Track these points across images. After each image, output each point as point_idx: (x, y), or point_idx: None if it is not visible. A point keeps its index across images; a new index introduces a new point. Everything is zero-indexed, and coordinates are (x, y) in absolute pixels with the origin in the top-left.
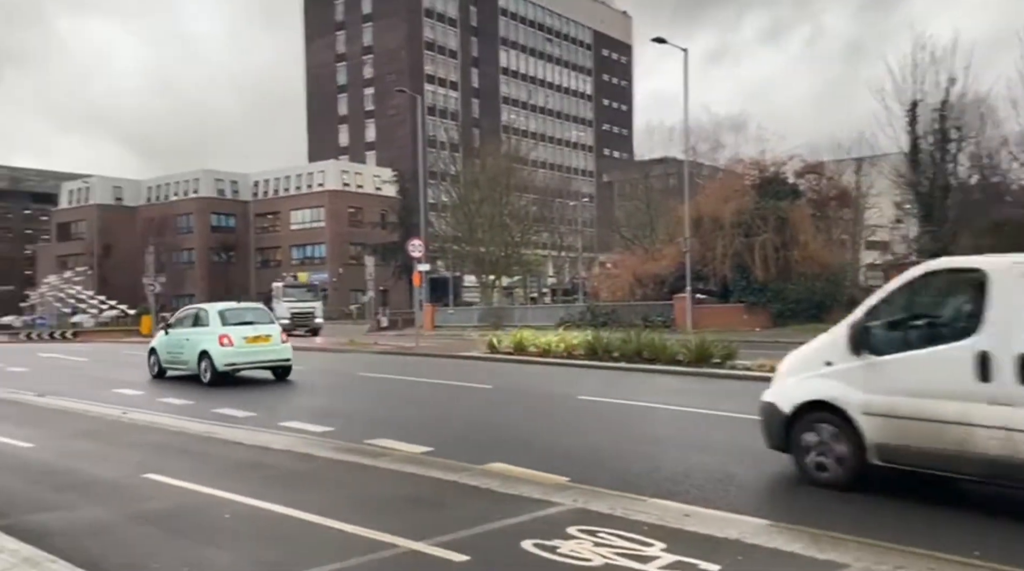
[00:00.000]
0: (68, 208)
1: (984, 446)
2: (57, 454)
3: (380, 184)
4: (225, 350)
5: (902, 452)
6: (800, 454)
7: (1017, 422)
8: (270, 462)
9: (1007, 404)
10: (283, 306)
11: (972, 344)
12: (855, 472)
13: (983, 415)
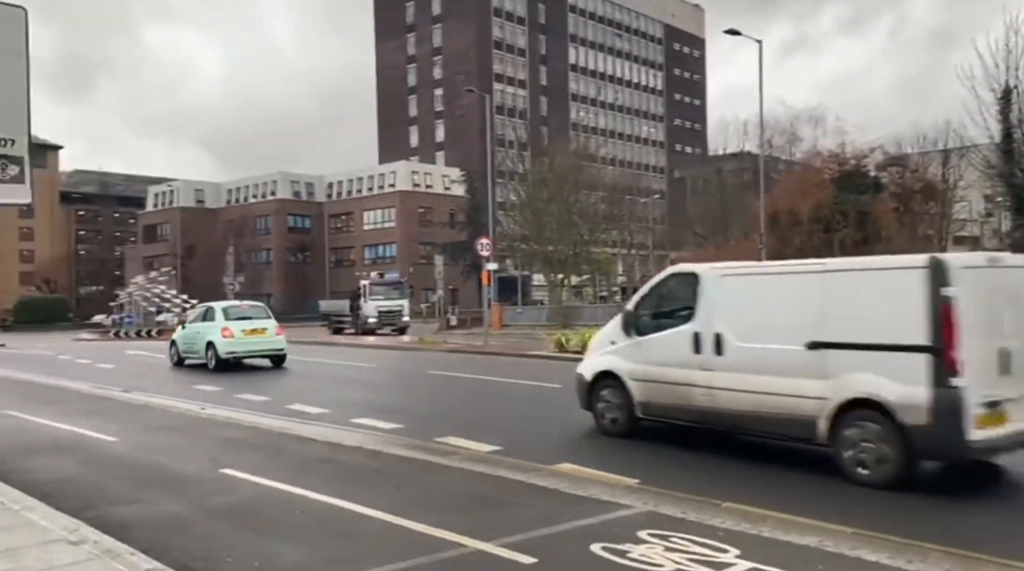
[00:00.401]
0: (153, 211)
1: (697, 400)
2: (139, 448)
3: (449, 184)
4: (227, 341)
5: (653, 407)
6: (597, 412)
7: (715, 381)
8: (340, 458)
9: (709, 369)
10: (370, 305)
11: (690, 327)
12: (630, 424)
13: (696, 377)
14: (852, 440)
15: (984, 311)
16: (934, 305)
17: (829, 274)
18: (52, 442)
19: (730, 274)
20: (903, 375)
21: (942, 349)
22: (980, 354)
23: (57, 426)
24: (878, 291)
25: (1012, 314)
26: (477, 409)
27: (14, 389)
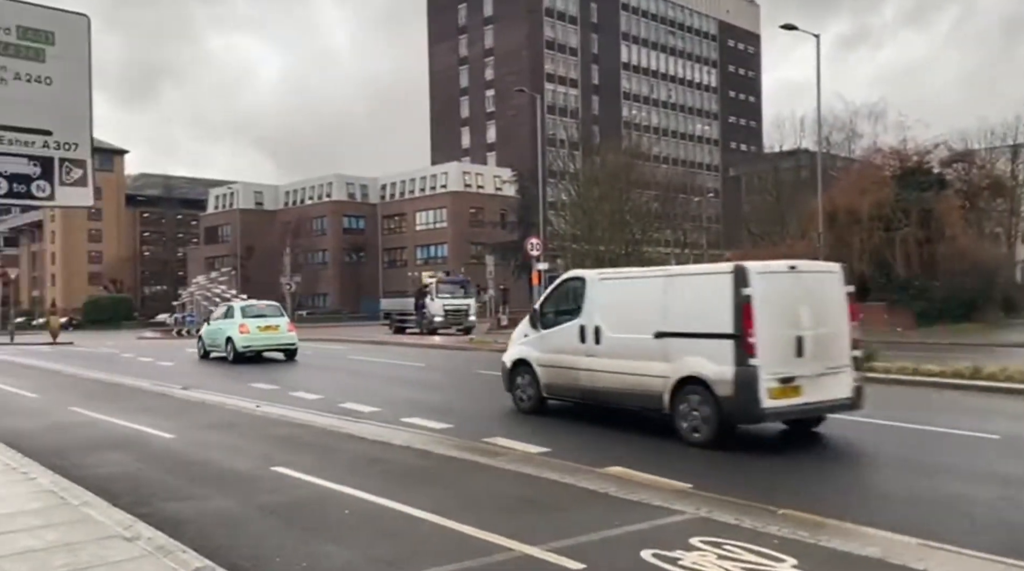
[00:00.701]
0: (214, 213)
1: (582, 380)
2: (194, 445)
3: (500, 184)
4: (243, 336)
5: (554, 388)
6: (515, 393)
7: (594, 365)
8: (389, 458)
9: (590, 355)
10: (437, 303)
11: (578, 321)
12: (539, 402)
13: (581, 362)
14: (685, 409)
15: (779, 306)
16: (737, 302)
17: (670, 278)
18: (113, 438)
19: (606, 278)
20: (717, 357)
21: (742, 336)
22: (775, 340)
23: (118, 423)
24: (701, 291)
25: (807, 309)
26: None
27: (80, 386)
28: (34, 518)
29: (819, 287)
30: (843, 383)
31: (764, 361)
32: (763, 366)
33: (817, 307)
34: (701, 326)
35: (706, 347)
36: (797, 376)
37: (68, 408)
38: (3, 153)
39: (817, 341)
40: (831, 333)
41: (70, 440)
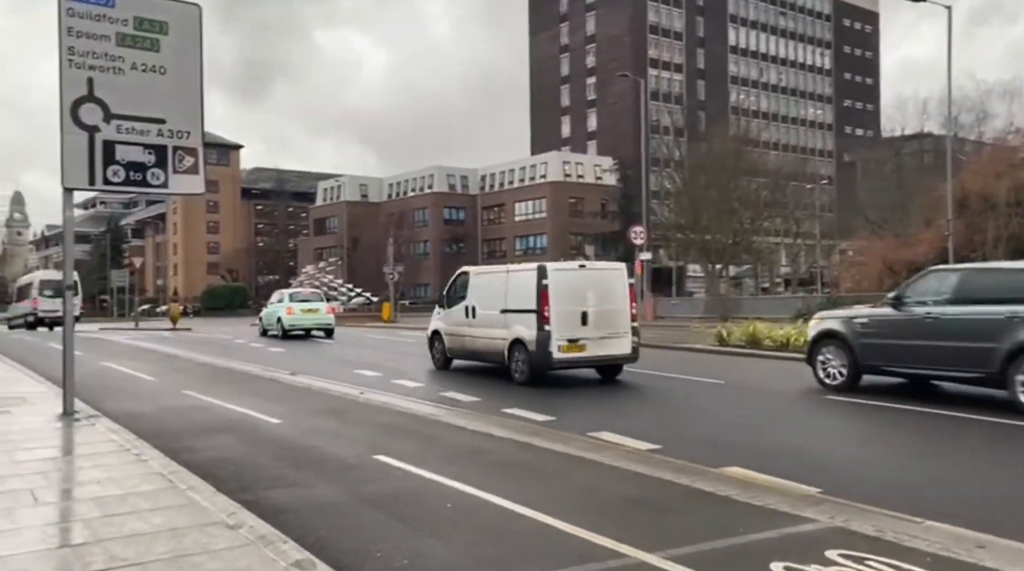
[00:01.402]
0: (323, 205)
1: (466, 344)
2: (300, 431)
3: (600, 173)
4: (289, 316)
5: (453, 351)
6: (432, 353)
7: (472, 333)
8: (491, 449)
9: (472, 325)
10: None
11: (465, 303)
12: (446, 362)
13: (465, 331)
14: (514, 361)
15: (569, 292)
16: (539, 289)
17: (508, 273)
18: (222, 422)
19: (478, 273)
20: (529, 325)
21: (540, 311)
22: (564, 314)
23: (227, 407)
24: (522, 282)
25: (592, 294)
26: (632, 403)
27: (194, 371)
28: (143, 501)
29: (604, 278)
30: (623, 344)
31: (555, 328)
32: (554, 331)
33: (601, 293)
34: (521, 305)
35: (524, 319)
36: (581, 338)
37: (182, 391)
38: (121, 142)
39: (599, 315)
40: (613, 310)
41: (182, 423)
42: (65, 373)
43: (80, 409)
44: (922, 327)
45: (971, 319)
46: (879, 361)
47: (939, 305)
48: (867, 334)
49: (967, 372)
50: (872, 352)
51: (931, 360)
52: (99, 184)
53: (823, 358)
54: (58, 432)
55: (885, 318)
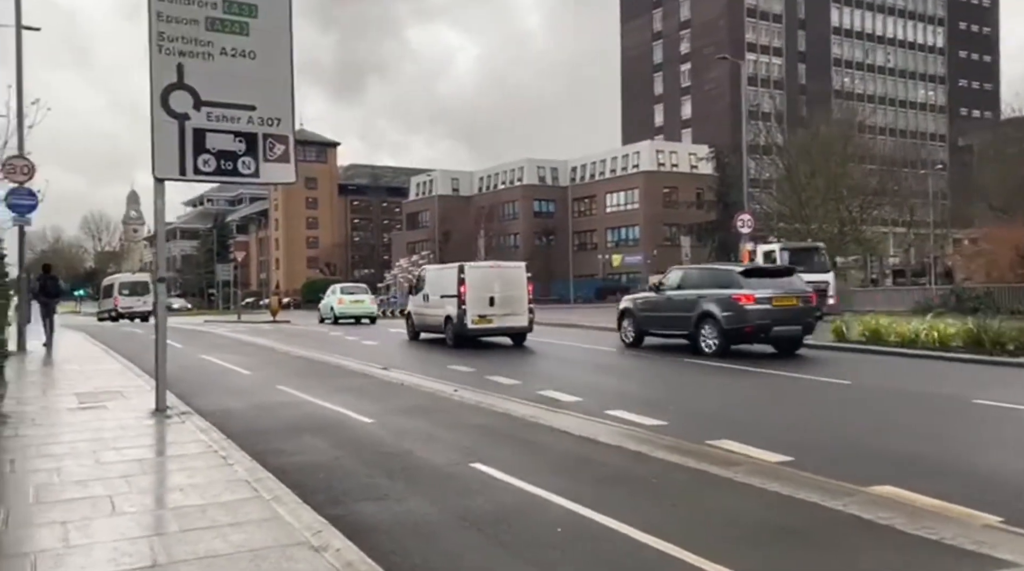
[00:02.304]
0: (415, 200)
1: (427, 321)
2: (392, 432)
3: (696, 162)
4: (340, 306)
5: (419, 326)
6: (408, 329)
7: (428, 312)
8: (600, 459)
9: (427, 307)
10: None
11: (424, 291)
12: (416, 336)
13: (426, 312)
14: (447, 330)
15: (481, 282)
16: (459, 280)
17: (443, 270)
18: (313, 421)
19: (431, 270)
20: (454, 306)
21: (459, 296)
22: (476, 298)
23: (319, 404)
24: (450, 275)
25: (498, 284)
26: (752, 407)
27: (289, 364)
28: (224, 513)
29: (508, 273)
30: (522, 319)
31: (469, 307)
32: (469, 309)
33: (505, 283)
34: (450, 292)
35: (452, 302)
36: (489, 314)
37: (276, 387)
38: (211, 130)
39: (503, 299)
40: (514, 296)
41: (272, 422)
42: (158, 370)
43: (172, 405)
44: (664, 304)
45: (682, 298)
46: (648, 327)
47: (672, 290)
48: (642, 309)
49: (681, 331)
50: (644, 321)
51: (667, 325)
52: (190, 174)
53: (624, 325)
54: (147, 431)
55: (650, 299)
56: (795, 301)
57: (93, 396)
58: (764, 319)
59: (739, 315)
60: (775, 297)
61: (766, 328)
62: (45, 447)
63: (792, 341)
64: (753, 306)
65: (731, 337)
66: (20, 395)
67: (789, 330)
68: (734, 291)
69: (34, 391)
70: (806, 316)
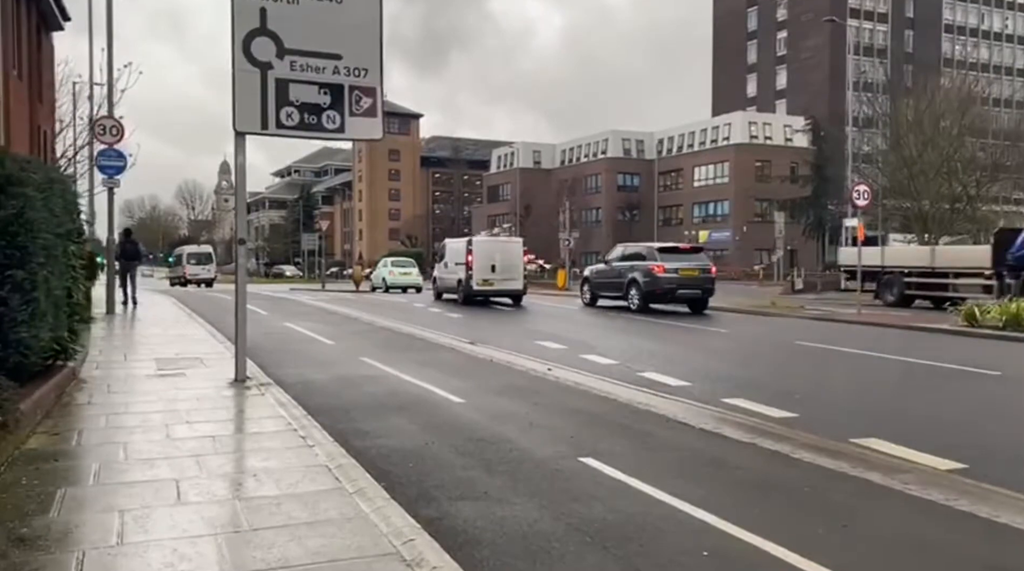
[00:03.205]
0: (496, 172)
1: (446, 284)
2: (486, 415)
3: (791, 135)
4: (391, 277)
5: (441, 288)
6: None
7: (447, 277)
8: (733, 460)
9: (447, 274)
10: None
11: (445, 260)
12: (439, 296)
13: (445, 276)
14: (458, 291)
15: (485, 252)
16: (467, 250)
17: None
18: (399, 398)
19: (449, 242)
20: (463, 271)
21: (467, 263)
22: (481, 265)
23: (405, 379)
24: (461, 247)
25: (499, 254)
26: (892, 399)
27: (373, 335)
28: (301, 508)
29: (507, 246)
30: (517, 283)
31: (475, 272)
32: (474, 274)
33: (504, 253)
34: (461, 260)
35: (462, 268)
36: (490, 278)
37: (359, 358)
38: (295, 80)
39: (502, 267)
40: (511, 264)
41: (356, 397)
42: (237, 338)
43: (252, 375)
44: (609, 273)
45: (620, 268)
46: (599, 291)
47: (616, 262)
48: (595, 277)
49: (618, 293)
50: (597, 286)
51: (610, 289)
52: (272, 128)
53: (584, 290)
54: (224, 403)
55: (600, 269)
56: (696, 272)
57: (173, 362)
58: (671, 285)
59: (653, 281)
60: (681, 269)
61: (672, 291)
62: (116, 417)
63: (695, 301)
64: (664, 275)
65: (647, 297)
66: (101, 359)
67: (691, 293)
68: (652, 263)
69: (116, 355)
70: (705, 284)
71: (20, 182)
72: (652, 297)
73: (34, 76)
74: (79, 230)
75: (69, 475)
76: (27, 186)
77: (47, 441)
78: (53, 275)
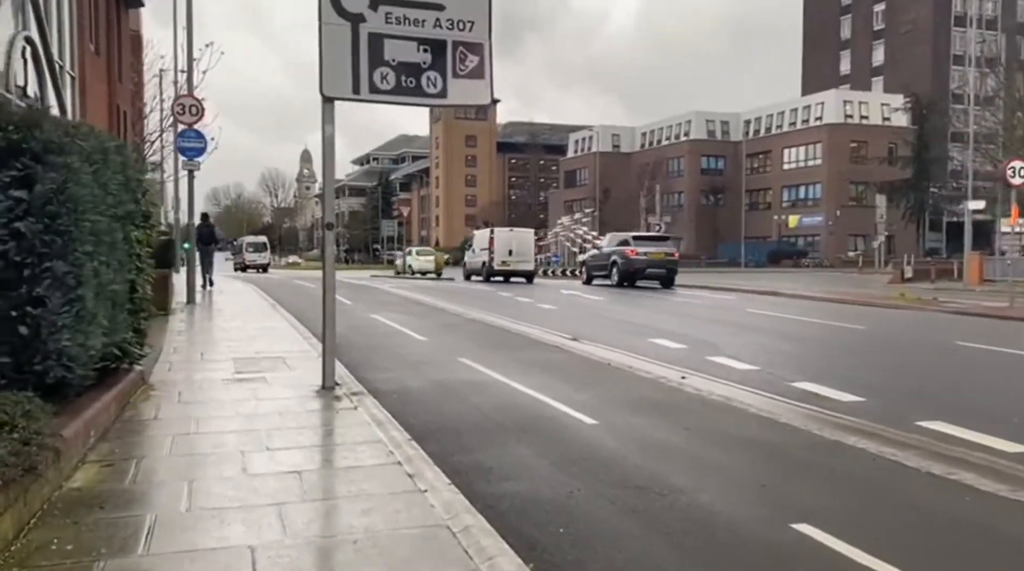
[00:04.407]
0: (573, 157)
1: (473, 267)
2: (631, 444)
3: (889, 114)
4: (416, 264)
5: (469, 271)
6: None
7: (474, 261)
8: (1007, 531)
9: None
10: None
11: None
12: (468, 277)
13: (472, 260)
14: (482, 271)
15: (504, 240)
16: (489, 238)
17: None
18: (515, 414)
19: (477, 234)
20: (486, 255)
21: (490, 248)
22: (500, 250)
23: (515, 387)
24: (484, 235)
25: (515, 242)
26: None
27: (464, 329)
28: None
29: (522, 235)
30: (529, 265)
31: (496, 255)
32: (495, 257)
33: (519, 241)
34: (484, 246)
35: (485, 252)
36: (508, 261)
37: (456, 358)
38: (390, 35)
39: (517, 251)
40: (524, 249)
41: (463, 413)
42: (325, 338)
43: (341, 380)
44: (599, 257)
45: (609, 252)
46: (593, 272)
47: (607, 248)
48: (591, 261)
49: (604, 273)
50: (591, 269)
51: (599, 270)
52: (364, 93)
53: (583, 271)
54: (311, 419)
55: (594, 254)
56: (663, 255)
57: (253, 363)
58: (642, 265)
59: (628, 262)
60: (650, 253)
61: (642, 270)
62: (184, 440)
63: (662, 279)
64: (636, 257)
65: (623, 276)
66: (176, 358)
67: (657, 272)
68: (628, 248)
69: (192, 353)
70: (669, 265)
71: (62, 150)
72: (627, 275)
73: (113, 54)
74: (145, 213)
75: (114, 536)
76: (71, 155)
77: (96, 476)
78: (107, 266)
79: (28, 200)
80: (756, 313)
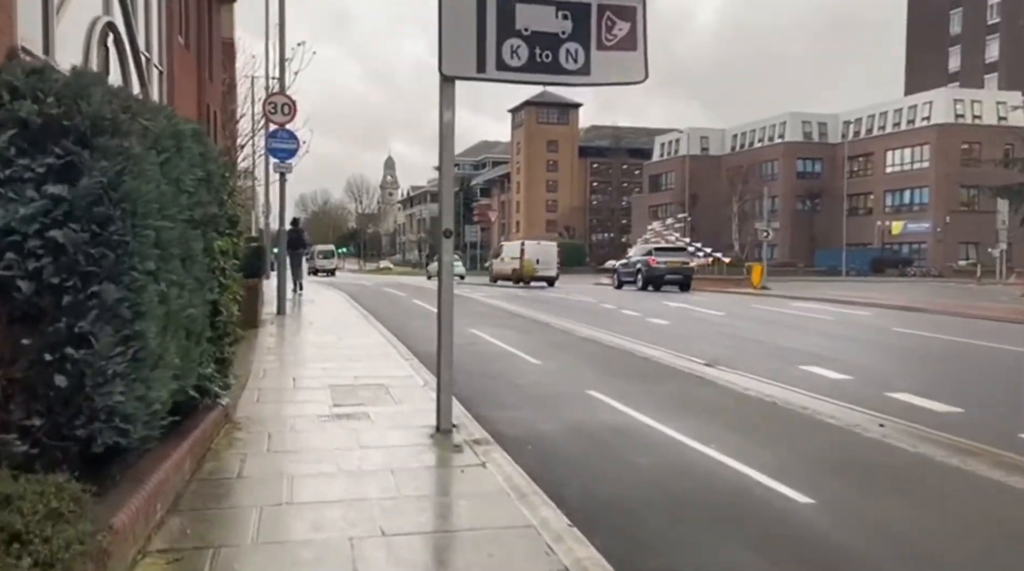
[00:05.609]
0: (659, 161)
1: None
2: (885, 547)
3: (1006, 113)
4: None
5: (496, 276)
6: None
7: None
8: None
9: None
10: None
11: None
12: (494, 281)
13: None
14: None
15: (534, 250)
16: (521, 249)
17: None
18: (696, 488)
19: (506, 244)
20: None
21: (521, 257)
22: (531, 258)
23: (676, 438)
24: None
25: (540, 253)
26: None
27: (579, 350)
28: None
29: (546, 246)
30: (552, 271)
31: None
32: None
33: (544, 251)
34: (516, 255)
35: (517, 261)
36: (537, 268)
37: (584, 391)
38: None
39: (543, 261)
40: (548, 259)
41: (627, 481)
42: (440, 370)
43: (458, 420)
44: (630, 265)
45: (636, 261)
46: (623, 278)
47: (635, 257)
48: (622, 268)
49: (632, 280)
50: (622, 276)
51: (629, 276)
52: (491, 71)
53: (613, 278)
54: (430, 485)
55: (624, 262)
56: (679, 264)
57: (352, 392)
58: (661, 273)
59: (650, 270)
60: (668, 262)
61: (662, 276)
62: (274, 519)
63: (678, 284)
64: (656, 265)
65: (647, 281)
66: (265, 384)
67: (675, 277)
68: (650, 258)
69: (284, 378)
70: (685, 272)
71: (117, 130)
72: (649, 280)
73: (203, 49)
74: (231, 217)
75: None
76: (130, 138)
77: None
78: (181, 288)
79: (70, 199)
80: (908, 333)
